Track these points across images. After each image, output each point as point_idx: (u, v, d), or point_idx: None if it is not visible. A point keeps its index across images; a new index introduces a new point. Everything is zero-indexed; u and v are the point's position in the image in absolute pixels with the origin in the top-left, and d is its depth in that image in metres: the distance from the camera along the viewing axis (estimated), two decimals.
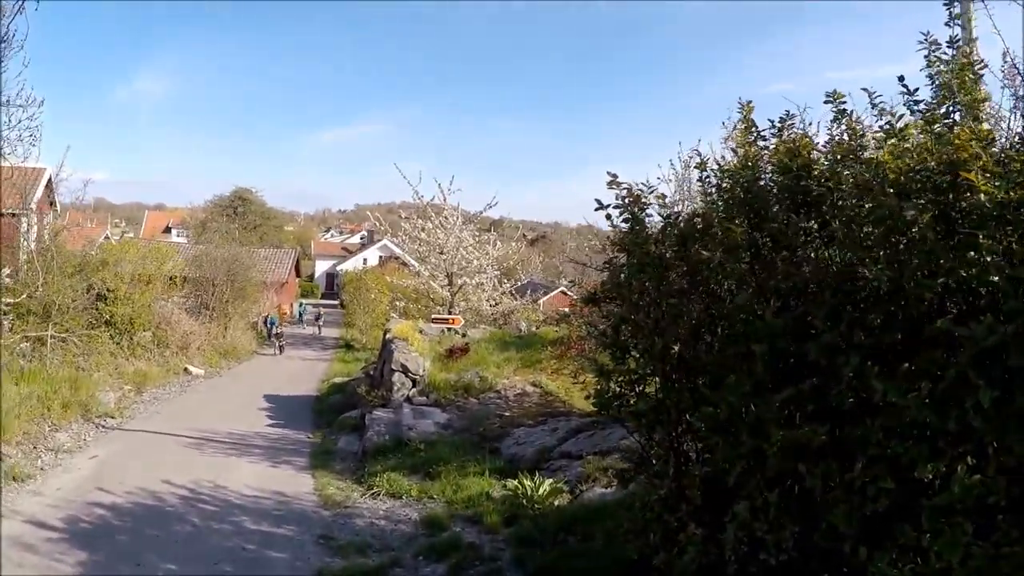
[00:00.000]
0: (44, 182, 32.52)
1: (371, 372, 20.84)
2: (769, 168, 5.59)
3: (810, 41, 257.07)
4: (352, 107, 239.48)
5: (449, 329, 23.62)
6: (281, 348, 36.78)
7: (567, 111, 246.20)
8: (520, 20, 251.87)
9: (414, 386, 17.48)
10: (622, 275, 5.89)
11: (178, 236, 77.91)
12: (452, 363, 19.41)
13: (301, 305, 55.28)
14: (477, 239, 32.95)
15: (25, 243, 23.67)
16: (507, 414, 15.79)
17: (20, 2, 16.28)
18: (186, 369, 27.80)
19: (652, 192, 5.91)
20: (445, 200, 32.00)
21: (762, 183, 5.47)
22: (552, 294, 68.83)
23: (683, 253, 5.49)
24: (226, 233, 47.44)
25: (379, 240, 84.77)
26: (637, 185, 5.88)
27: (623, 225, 5.89)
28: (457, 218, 32.00)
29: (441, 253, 31.71)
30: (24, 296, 21.03)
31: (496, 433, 14.27)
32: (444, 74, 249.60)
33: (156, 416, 19.72)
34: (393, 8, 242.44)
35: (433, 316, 26.43)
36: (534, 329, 30.95)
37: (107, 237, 52.93)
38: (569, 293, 72.56)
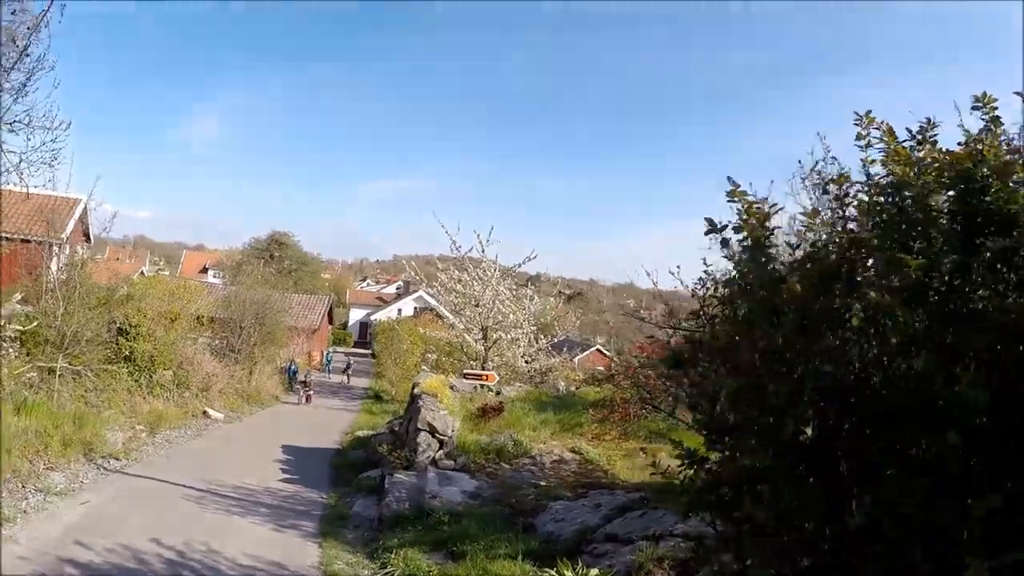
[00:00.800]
0: (78, 213, 32.02)
1: (396, 428, 19.26)
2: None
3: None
4: (395, 160, 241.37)
5: (482, 386, 22.15)
6: (308, 398, 34.66)
7: (602, 167, 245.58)
8: (560, 75, 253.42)
9: (441, 448, 15.88)
10: (737, 325, 4.30)
11: (214, 277, 77.62)
12: (484, 423, 17.92)
13: (329, 353, 52.61)
14: (514, 293, 31.65)
15: (49, 272, 22.66)
16: (543, 484, 14.15)
17: (40, 21, 15.72)
18: (205, 412, 26.50)
19: (776, 210, 4.37)
20: (483, 251, 30.79)
21: (932, 202, 3.93)
22: (588, 352, 67.31)
23: (827, 296, 3.93)
24: (260, 276, 46.66)
25: (415, 291, 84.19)
26: (758, 200, 4.34)
27: (738, 254, 4.36)
28: (495, 270, 30.75)
29: (477, 306, 30.55)
30: (34, 325, 19.91)
31: (531, 506, 12.56)
32: (484, 129, 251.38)
33: (164, 461, 18.31)
34: (435, 59, 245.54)
35: (465, 371, 24.96)
36: (573, 389, 29.43)
37: (142, 273, 52.76)
38: (606, 352, 71.21)
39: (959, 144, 4.14)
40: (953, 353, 3.49)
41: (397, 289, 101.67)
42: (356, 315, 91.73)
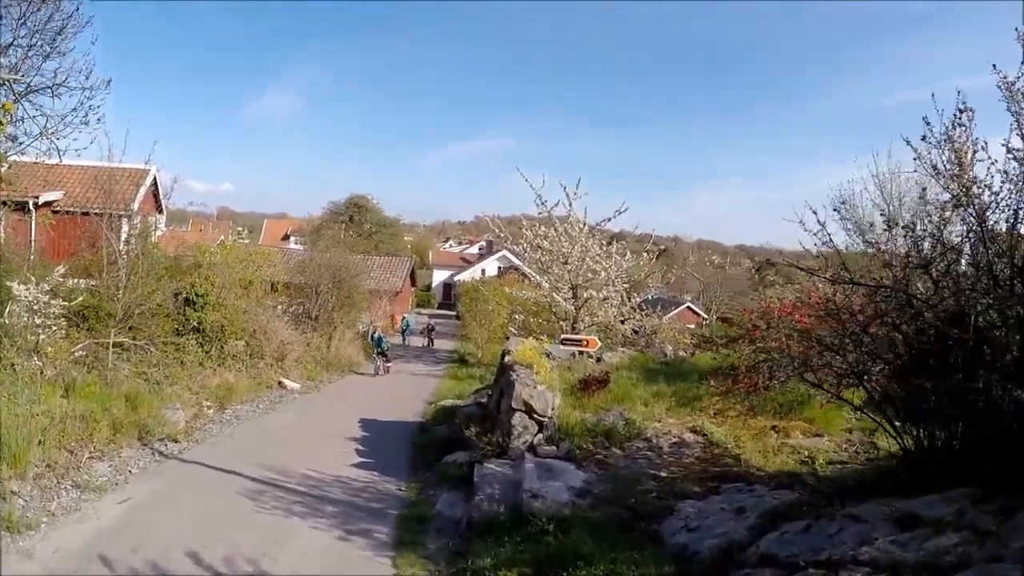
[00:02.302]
0: (147, 183, 30.61)
1: (484, 401, 16.77)
2: None
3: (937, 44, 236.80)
4: (472, 120, 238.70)
5: (581, 352, 19.56)
6: (386, 369, 31.71)
7: (682, 125, 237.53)
8: (639, 29, 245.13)
9: (540, 430, 13.32)
10: None
11: (296, 243, 76.74)
12: (587, 398, 15.39)
13: (406, 318, 48.19)
14: (604, 249, 28.90)
15: (110, 244, 21.04)
16: (663, 474, 11.50)
17: None
18: (280, 383, 24.77)
19: None
20: (570, 205, 27.99)
21: None
22: (679, 309, 64.05)
23: None
24: (338, 239, 44.94)
25: (498, 251, 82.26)
26: None
27: None
28: (583, 225, 28.03)
29: (565, 263, 28.01)
30: (79, 300, 18.24)
31: (653, 507, 9.92)
32: (562, 86, 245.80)
33: (227, 442, 16.41)
34: (511, 19, 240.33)
35: (563, 336, 22.23)
36: (682, 354, 26.68)
37: (222, 243, 51.49)
38: (697, 310, 67.68)
39: None
40: None
41: (480, 249, 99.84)
42: (439, 276, 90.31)
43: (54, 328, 16.04)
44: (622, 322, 29.43)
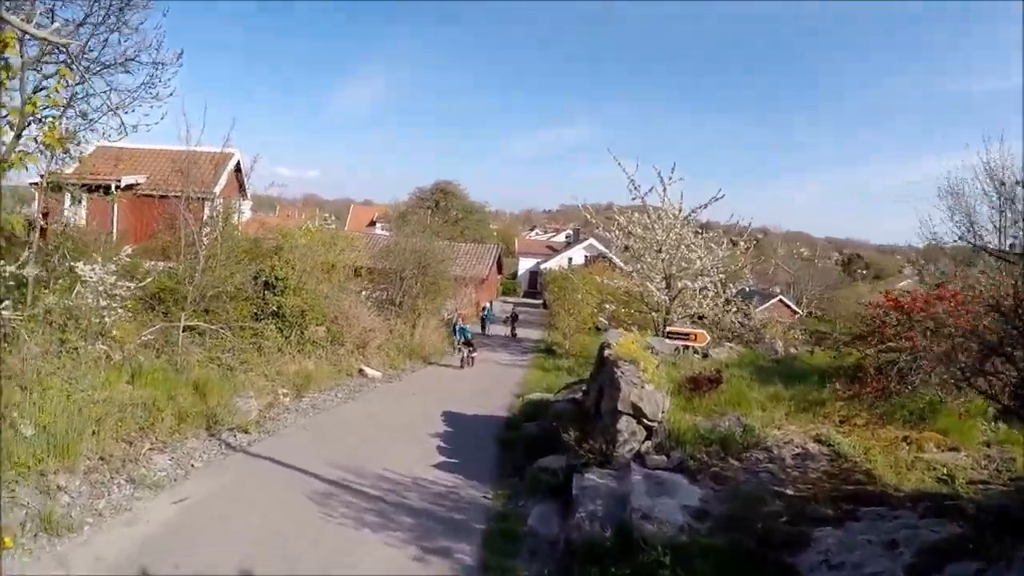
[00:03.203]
0: (230, 167, 30.11)
1: (578, 398, 15.03)
2: None
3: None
4: (554, 108, 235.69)
5: (686, 347, 17.73)
6: (472, 360, 29.46)
7: (768, 112, 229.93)
8: (722, 18, 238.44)
9: (648, 437, 11.57)
10: None
11: (381, 229, 76.42)
12: (698, 400, 13.65)
13: (488, 308, 45.03)
14: (700, 236, 26.94)
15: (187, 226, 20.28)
16: (789, 492, 9.67)
17: None
18: (361, 370, 23.67)
19: None
20: (665, 191, 26.07)
21: None
22: (771, 302, 61.17)
23: None
24: (424, 225, 43.83)
25: (585, 239, 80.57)
26: None
27: None
28: (679, 211, 26.11)
29: (659, 251, 26.12)
30: (147, 281, 17.38)
31: (784, 534, 8.08)
32: (647, 73, 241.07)
33: (301, 433, 15.23)
34: (596, 7, 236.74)
35: (669, 329, 20.34)
36: (793, 351, 24.67)
37: (308, 228, 51.09)
38: (788, 303, 64.69)
39: None
40: None
41: (567, 237, 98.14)
42: (525, 264, 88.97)
43: (120, 311, 15.04)
44: (730, 312, 27.50)
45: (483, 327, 40.39)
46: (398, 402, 20.01)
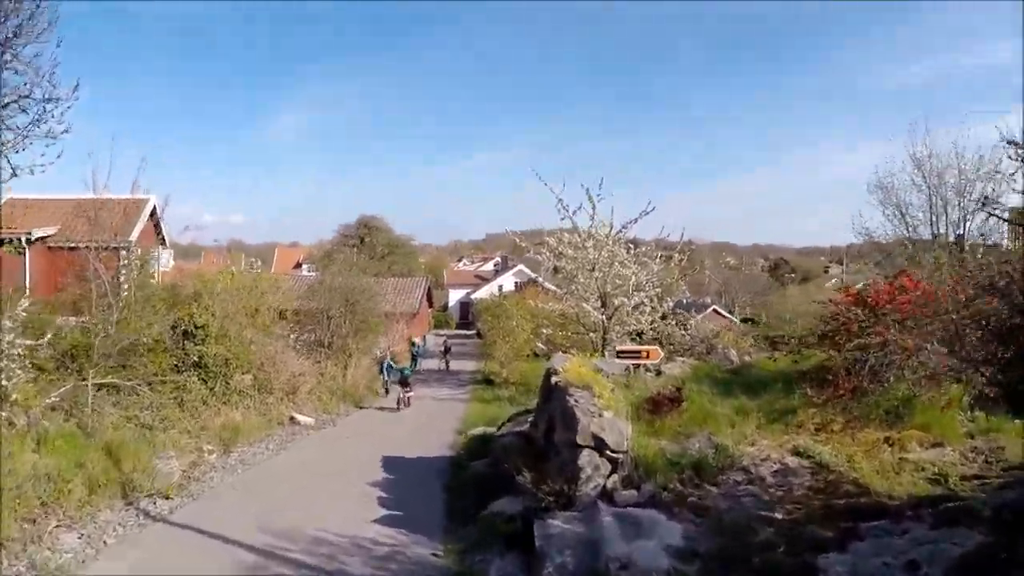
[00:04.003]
0: (145, 214, 28.75)
1: (526, 431, 14.01)
2: None
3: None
4: (474, 138, 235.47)
5: (637, 365, 17.00)
6: (408, 400, 27.45)
7: (687, 123, 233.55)
8: (637, 27, 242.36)
9: (614, 470, 10.58)
10: None
11: (308, 271, 74.83)
12: (659, 421, 12.76)
13: (415, 346, 42.12)
14: (632, 252, 26.63)
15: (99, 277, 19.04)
16: (778, 516, 9.00)
17: None
18: (292, 418, 22.53)
19: None
20: (594, 208, 25.67)
21: None
22: (705, 313, 61.54)
23: None
24: (349, 261, 42.59)
25: (514, 266, 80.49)
26: None
27: None
28: (610, 228, 25.72)
29: (592, 270, 25.68)
30: (43, 339, 16.04)
31: (785, 568, 7.35)
32: (561, 99, 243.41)
33: (228, 495, 14.07)
34: (504, 33, 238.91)
35: (619, 348, 19.56)
36: (747, 359, 24.28)
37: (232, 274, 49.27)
38: (722, 312, 65.31)
39: None
40: None
41: (495, 266, 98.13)
42: (455, 296, 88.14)
43: (20, 372, 13.67)
44: (669, 326, 27.21)
45: (414, 362, 38.71)
46: (333, 449, 18.94)
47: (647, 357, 17.20)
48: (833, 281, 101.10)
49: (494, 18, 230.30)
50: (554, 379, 12.13)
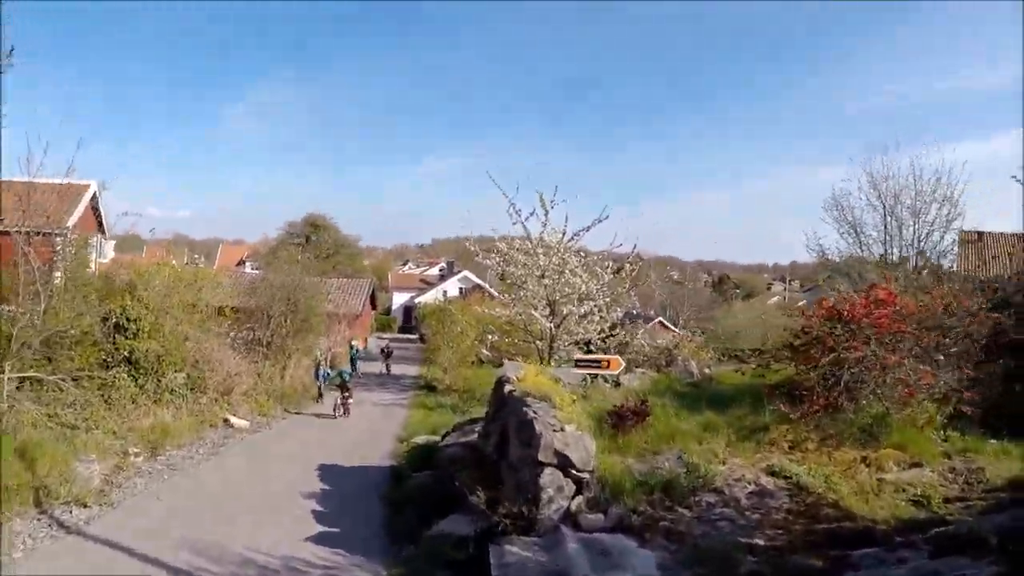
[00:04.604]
0: (84, 201, 27.59)
1: (473, 441, 13.33)
2: None
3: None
4: (423, 144, 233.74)
5: (594, 376, 16.44)
6: (346, 408, 25.96)
7: (634, 135, 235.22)
8: (584, 41, 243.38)
9: (579, 491, 9.83)
10: None
11: (252, 268, 73.18)
12: (624, 437, 12.19)
13: (355, 348, 40.14)
14: (583, 260, 26.27)
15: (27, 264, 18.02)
16: (759, 543, 8.51)
17: None
18: (226, 420, 21.62)
19: None
20: (547, 214, 25.26)
21: None
22: (651, 324, 61.66)
23: None
24: (294, 259, 41.51)
25: (459, 271, 79.95)
26: None
27: None
28: (563, 234, 25.35)
29: (541, 277, 25.18)
30: None
31: None
32: (508, 108, 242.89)
33: (151, 505, 13.14)
34: (456, 42, 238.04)
35: (578, 357, 18.78)
36: (707, 371, 23.99)
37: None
38: (667, 324, 65.56)
39: None
40: None
41: (440, 271, 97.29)
42: (399, 299, 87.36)
43: None
44: (603, 339, 26.88)
45: (352, 366, 37.31)
46: (267, 455, 18.10)
47: (607, 367, 16.64)
48: (776, 299, 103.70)
49: (447, 26, 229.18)
50: (507, 388, 11.47)
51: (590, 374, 16.69)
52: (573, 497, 9.71)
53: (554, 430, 9.52)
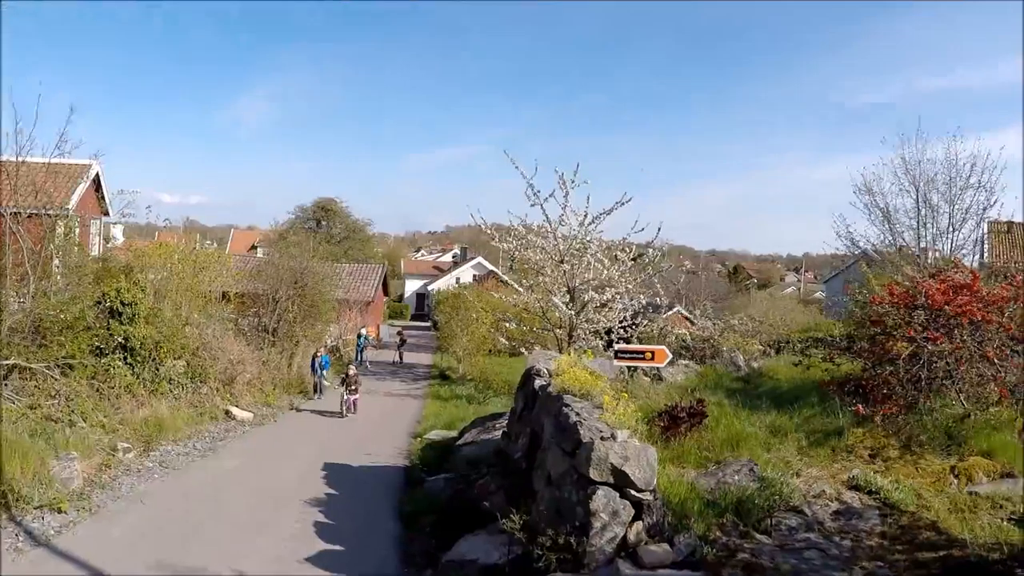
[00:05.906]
0: (86, 182, 26.30)
1: (502, 447, 11.58)
2: None
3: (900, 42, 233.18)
4: (439, 131, 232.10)
5: (632, 369, 14.87)
6: (353, 405, 23.21)
7: (652, 127, 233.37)
8: (605, 36, 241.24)
9: (637, 516, 7.65)
10: None
11: (263, 253, 71.93)
12: (678, 442, 10.51)
13: (362, 337, 37.41)
14: (604, 246, 24.80)
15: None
16: None
17: None
18: (228, 412, 20.23)
19: None
20: (567, 195, 23.67)
21: None
22: (669, 314, 60.04)
23: None
24: (303, 243, 40.09)
25: (472, 258, 78.62)
26: None
27: None
28: (584, 216, 23.82)
29: (561, 262, 23.67)
30: None
31: None
32: (528, 93, 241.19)
33: (133, 511, 11.75)
34: (473, 27, 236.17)
35: (618, 348, 16.93)
36: (755, 364, 22.41)
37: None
38: (686, 314, 63.89)
39: None
40: None
41: (454, 257, 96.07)
42: (412, 286, 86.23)
43: None
44: (625, 328, 25.43)
45: (359, 356, 35.61)
46: (270, 452, 16.73)
47: (652, 359, 14.99)
48: (790, 289, 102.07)
49: (464, 14, 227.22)
50: (538, 382, 9.79)
51: (631, 366, 15.09)
52: (631, 523, 7.69)
53: (603, 437, 7.53)
